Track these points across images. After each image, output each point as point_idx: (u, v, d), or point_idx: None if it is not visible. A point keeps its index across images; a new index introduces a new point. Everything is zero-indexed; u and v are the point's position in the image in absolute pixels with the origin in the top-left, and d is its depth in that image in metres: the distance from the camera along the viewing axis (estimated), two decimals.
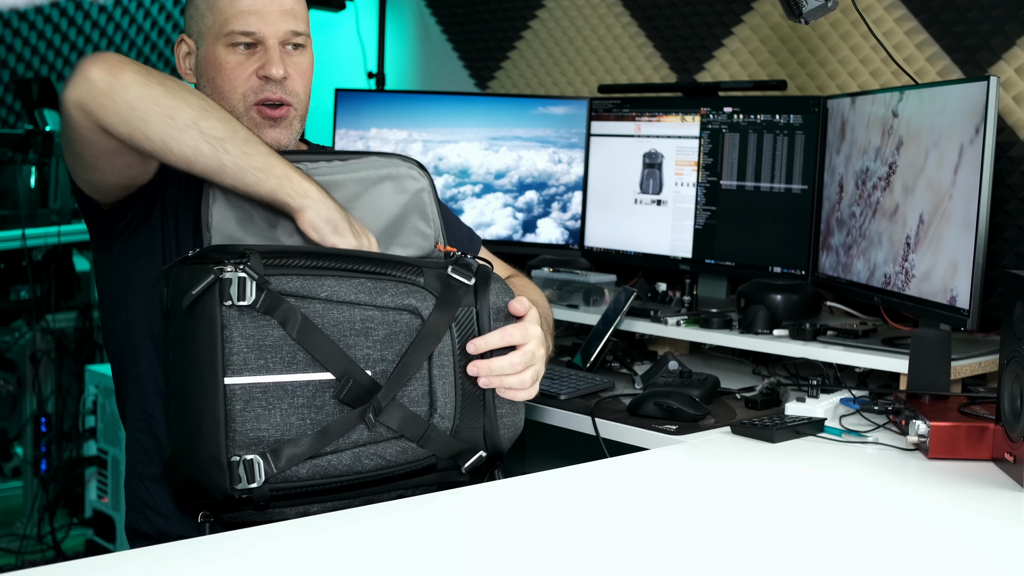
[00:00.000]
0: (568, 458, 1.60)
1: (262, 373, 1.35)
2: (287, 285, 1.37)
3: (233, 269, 1.34)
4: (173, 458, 1.40)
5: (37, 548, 3.31)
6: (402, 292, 1.42)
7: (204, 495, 1.36)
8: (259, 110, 1.60)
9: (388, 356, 1.41)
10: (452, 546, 1.24)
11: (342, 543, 1.23)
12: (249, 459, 1.33)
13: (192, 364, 1.35)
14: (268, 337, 1.35)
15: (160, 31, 3.88)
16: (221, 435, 1.33)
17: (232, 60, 1.59)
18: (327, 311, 1.38)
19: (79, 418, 3.28)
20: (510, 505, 1.40)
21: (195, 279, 1.34)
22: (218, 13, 1.59)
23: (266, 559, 1.18)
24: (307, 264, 1.39)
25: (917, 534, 1.35)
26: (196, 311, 1.34)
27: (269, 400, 1.35)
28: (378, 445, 1.40)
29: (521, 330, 1.48)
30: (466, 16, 3.59)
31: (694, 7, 2.93)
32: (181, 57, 1.66)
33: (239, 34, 1.58)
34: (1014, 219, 2.26)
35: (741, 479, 1.56)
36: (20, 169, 3.42)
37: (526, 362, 1.48)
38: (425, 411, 1.43)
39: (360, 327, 1.39)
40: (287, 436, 1.36)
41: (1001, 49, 2.31)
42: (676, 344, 2.44)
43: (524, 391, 1.49)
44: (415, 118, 2.93)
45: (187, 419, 1.36)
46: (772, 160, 2.42)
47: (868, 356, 2.01)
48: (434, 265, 1.47)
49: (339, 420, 1.38)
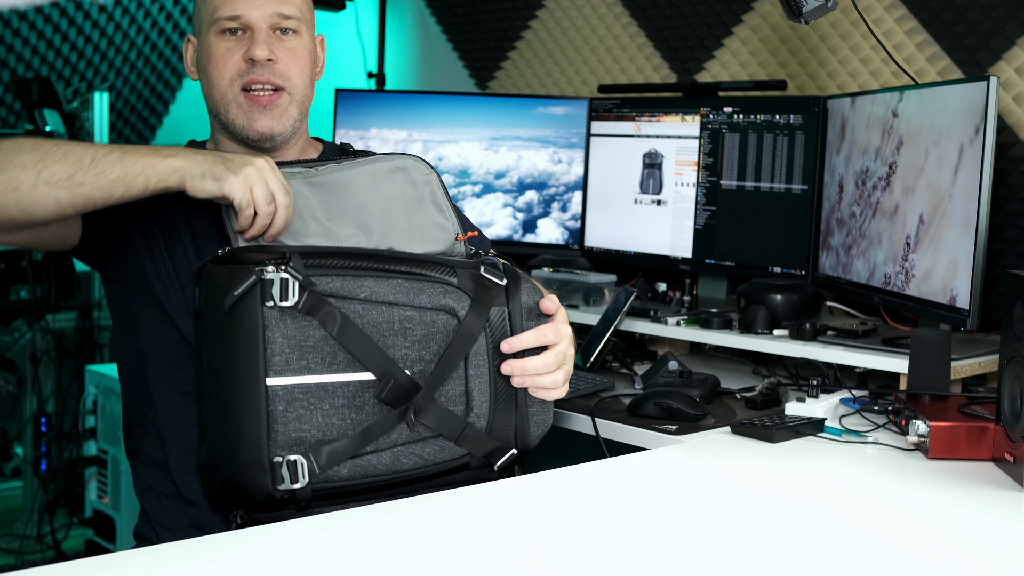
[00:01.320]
0: (568, 458, 1.60)
1: (303, 373, 1.35)
2: (328, 286, 1.38)
3: (275, 269, 1.34)
4: (211, 458, 1.39)
5: (37, 548, 3.30)
6: (439, 293, 1.44)
7: (244, 496, 1.36)
8: (247, 96, 1.58)
9: (426, 356, 1.43)
10: (453, 546, 1.24)
11: (342, 543, 1.23)
12: (293, 460, 1.34)
13: (233, 365, 1.35)
14: (309, 338, 1.36)
15: (160, 31, 3.87)
16: (263, 436, 1.33)
17: (221, 47, 1.58)
18: (367, 311, 1.40)
19: (79, 418, 3.28)
20: (511, 505, 1.40)
21: (235, 279, 1.34)
22: (209, 3, 1.60)
23: (267, 559, 1.18)
24: (346, 264, 1.40)
25: (917, 534, 1.35)
26: (237, 312, 1.34)
27: (311, 400, 1.36)
28: (416, 444, 1.42)
29: (554, 329, 1.51)
30: (466, 16, 3.59)
31: (694, 7, 2.93)
32: (188, 58, 1.67)
33: (226, 19, 1.57)
34: (1014, 219, 2.26)
35: (741, 479, 1.56)
36: None
37: (559, 362, 1.51)
38: (462, 410, 1.45)
39: (399, 327, 1.41)
40: (328, 436, 1.37)
41: (1001, 49, 2.31)
42: (676, 344, 2.44)
43: (556, 390, 1.52)
44: (415, 118, 2.93)
45: (227, 420, 1.35)
46: (772, 160, 2.42)
47: (868, 356, 2.01)
48: (466, 265, 1.49)
49: (380, 420, 1.39)
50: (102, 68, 3.81)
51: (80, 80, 3.78)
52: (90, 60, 3.78)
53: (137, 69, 3.89)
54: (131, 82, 3.90)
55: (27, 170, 1.36)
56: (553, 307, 1.52)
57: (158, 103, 4.00)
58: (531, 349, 1.50)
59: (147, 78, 3.93)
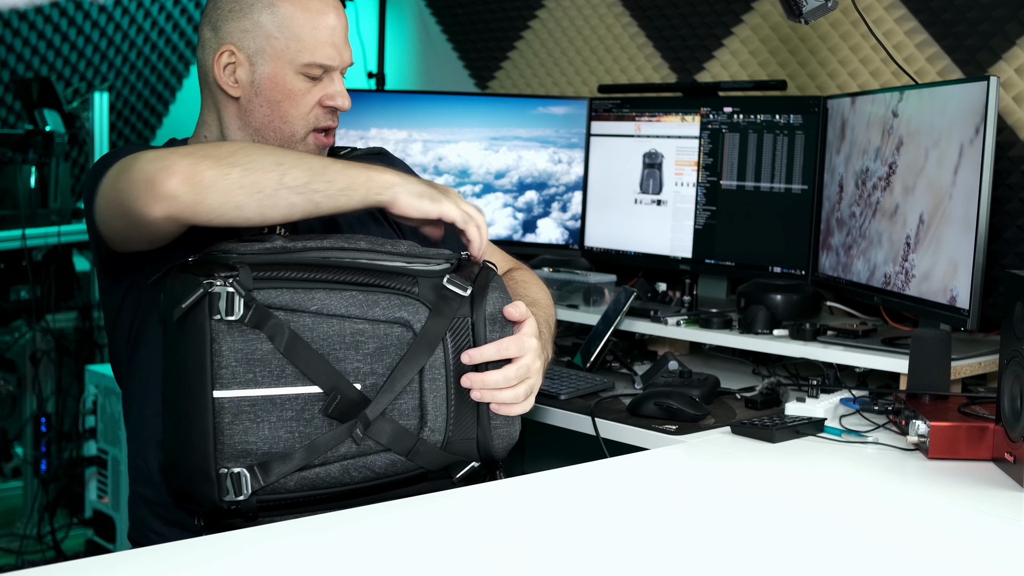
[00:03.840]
0: (568, 458, 1.60)
1: (250, 387, 1.34)
2: (277, 298, 1.36)
3: (222, 283, 1.33)
4: (166, 464, 1.42)
5: (37, 548, 3.30)
6: (394, 305, 1.41)
7: (194, 503, 1.38)
8: (316, 137, 1.62)
9: (378, 369, 1.40)
10: (452, 546, 1.24)
11: (341, 543, 1.23)
12: (236, 472, 1.34)
13: (182, 375, 1.35)
14: (257, 351, 1.35)
15: (160, 31, 3.87)
16: (210, 447, 1.33)
17: (302, 87, 1.59)
18: (316, 324, 1.37)
19: (79, 418, 3.28)
20: (510, 505, 1.40)
21: (186, 291, 1.35)
22: (294, 39, 1.57)
23: (266, 559, 1.18)
24: (298, 276, 1.38)
25: (917, 534, 1.35)
26: (187, 324, 1.34)
27: (257, 413, 1.35)
28: (367, 457, 1.40)
29: (517, 343, 1.46)
30: (466, 16, 3.59)
31: (694, 7, 2.93)
32: (221, 67, 1.58)
33: (316, 66, 1.59)
34: (1014, 219, 2.26)
35: (741, 479, 1.56)
36: (20, 169, 3.41)
37: (520, 376, 1.46)
38: (415, 424, 1.41)
39: (350, 340, 1.39)
40: (275, 449, 1.36)
41: (1001, 49, 2.31)
42: (676, 344, 2.44)
43: (517, 405, 1.47)
44: (415, 118, 2.93)
45: (178, 428, 1.37)
46: (772, 160, 2.42)
47: (868, 356, 2.01)
48: (430, 274, 1.45)
49: (327, 435, 1.37)
50: (102, 68, 3.81)
51: (80, 80, 3.78)
52: (90, 60, 3.78)
53: (137, 69, 3.89)
54: (131, 82, 3.90)
55: (270, 173, 1.38)
56: (517, 313, 1.47)
57: (158, 103, 4.00)
58: (494, 361, 1.45)
59: (147, 78, 3.93)
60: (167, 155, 1.36)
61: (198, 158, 1.36)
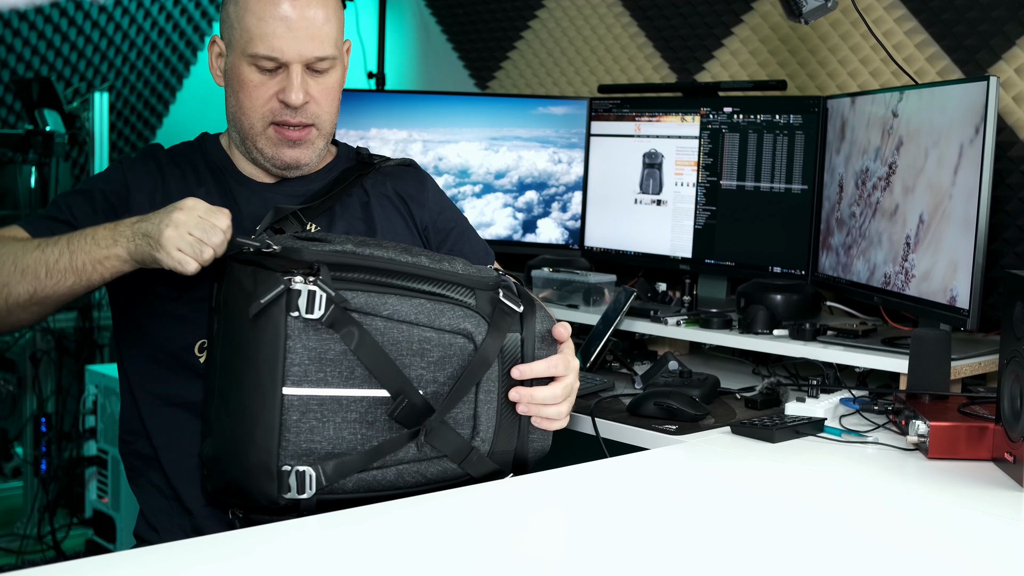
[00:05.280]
0: (568, 458, 1.60)
1: (320, 386, 1.36)
2: (352, 300, 1.37)
3: (303, 280, 1.34)
4: (216, 457, 1.40)
5: (37, 548, 3.30)
6: (458, 316, 1.44)
7: (247, 498, 1.37)
8: (277, 130, 1.60)
9: (440, 378, 1.43)
10: (452, 545, 1.24)
11: (343, 542, 1.23)
12: (302, 470, 1.35)
13: (251, 370, 1.35)
14: (329, 351, 1.36)
15: (160, 31, 3.87)
16: (274, 443, 1.34)
17: (255, 79, 1.58)
18: (388, 329, 1.39)
19: (79, 418, 3.28)
20: (511, 505, 1.40)
21: (261, 285, 1.34)
22: (244, 30, 1.56)
23: (267, 559, 1.18)
24: (371, 279, 1.40)
25: (917, 534, 1.35)
26: (261, 319, 1.34)
27: (324, 413, 1.36)
28: (421, 464, 1.42)
29: (565, 362, 1.51)
30: (466, 16, 3.59)
31: (694, 7, 2.93)
32: (214, 57, 1.65)
33: (262, 58, 1.56)
34: (1014, 219, 2.26)
35: (741, 479, 1.56)
36: (20, 169, 3.41)
37: (566, 394, 1.52)
38: (468, 433, 1.45)
39: (417, 347, 1.41)
40: (338, 449, 1.37)
41: (1001, 49, 2.31)
42: (676, 344, 2.44)
43: (559, 421, 1.52)
44: (415, 118, 2.93)
45: (239, 423, 1.36)
46: (772, 160, 2.42)
47: (868, 356, 2.01)
48: (484, 287, 1.48)
49: (392, 439, 1.39)
50: (102, 68, 3.81)
51: (80, 80, 3.78)
52: (90, 60, 3.78)
53: (137, 69, 3.89)
54: (131, 82, 3.90)
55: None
56: (566, 335, 1.52)
57: (158, 103, 4.00)
58: (540, 379, 1.50)
59: (147, 78, 3.93)
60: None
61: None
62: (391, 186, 1.73)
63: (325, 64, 1.59)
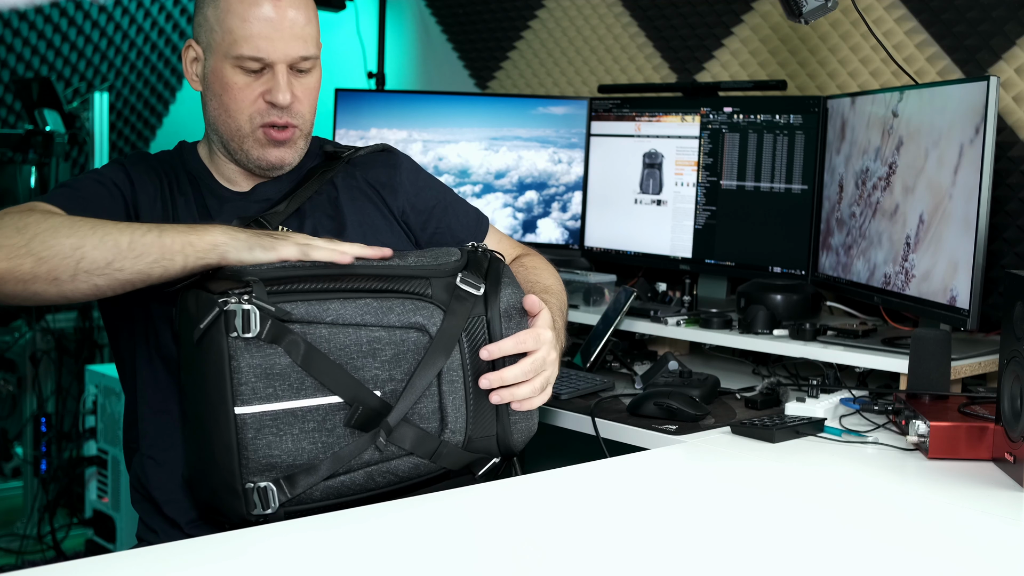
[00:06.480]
0: (568, 458, 1.60)
1: (271, 401, 1.34)
2: (294, 311, 1.35)
3: (237, 300, 1.32)
4: (191, 480, 1.43)
5: (37, 548, 3.31)
6: (408, 310, 1.41)
7: (223, 516, 1.38)
8: (265, 131, 1.60)
9: (397, 375, 1.40)
10: (452, 546, 1.24)
11: (343, 542, 1.23)
12: (263, 486, 1.33)
13: (202, 393, 1.35)
14: (275, 365, 1.34)
15: (160, 31, 3.88)
16: (234, 463, 1.33)
17: (240, 81, 1.57)
18: (333, 335, 1.37)
19: (79, 418, 3.28)
20: (510, 505, 1.40)
21: (201, 310, 1.34)
22: (227, 32, 1.56)
23: (267, 559, 1.18)
24: (311, 288, 1.37)
25: (917, 534, 1.35)
26: (204, 343, 1.34)
27: (280, 427, 1.34)
28: (390, 463, 1.40)
29: (534, 336, 1.47)
30: (466, 16, 3.59)
31: (694, 7, 2.93)
32: (188, 62, 1.64)
33: (248, 59, 1.56)
34: (1014, 219, 2.26)
35: (741, 479, 1.56)
36: (20, 169, 3.42)
37: (537, 369, 1.47)
38: (436, 427, 1.42)
39: (367, 348, 1.38)
40: (300, 460, 1.36)
41: (1001, 49, 2.31)
42: (676, 344, 2.44)
43: (536, 398, 1.48)
44: (415, 118, 2.93)
45: (202, 445, 1.37)
46: (772, 160, 2.42)
47: (868, 356, 2.01)
48: (440, 274, 1.45)
49: (351, 445, 1.37)
50: (102, 68, 3.81)
51: (80, 80, 3.78)
52: (90, 60, 3.78)
53: (137, 69, 3.89)
54: (131, 82, 3.90)
55: (66, 260, 1.36)
56: (537, 306, 1.48)
57: (158, 103, 4.00)
58: (513, 357, 1.46)
59: (147, 78, 3.93)
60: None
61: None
62: (361, 176, 1.71)
63: (308, 64, 1.60)
